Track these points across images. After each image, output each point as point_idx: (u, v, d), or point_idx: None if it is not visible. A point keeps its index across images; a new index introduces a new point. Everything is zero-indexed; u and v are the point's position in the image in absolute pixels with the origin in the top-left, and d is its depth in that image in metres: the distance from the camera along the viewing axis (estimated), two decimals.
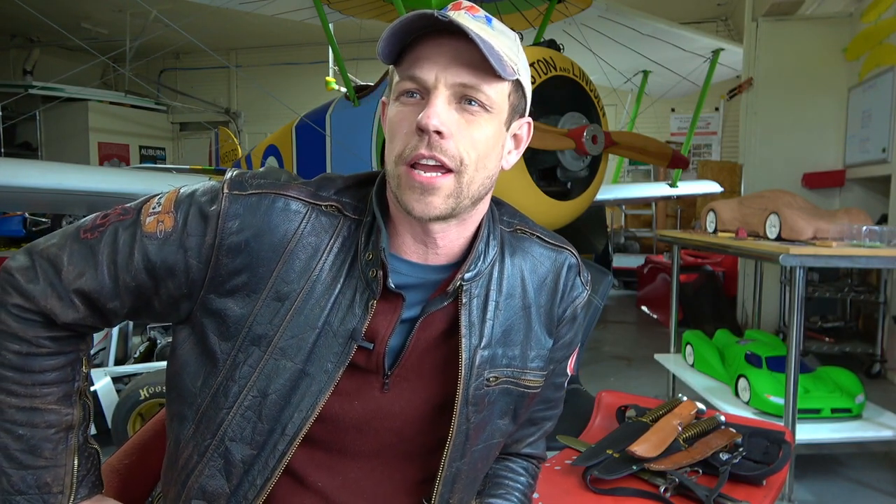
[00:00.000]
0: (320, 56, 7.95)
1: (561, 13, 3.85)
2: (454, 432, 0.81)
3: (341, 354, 0.78)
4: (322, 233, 0.79)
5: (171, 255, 0.77)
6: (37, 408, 0.79)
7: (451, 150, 0.73)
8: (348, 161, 3.46)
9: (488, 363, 0.82)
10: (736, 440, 1.43)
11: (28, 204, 4.10)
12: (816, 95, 4.52)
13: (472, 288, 0.82)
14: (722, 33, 7.89)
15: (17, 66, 9.18)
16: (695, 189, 5.67)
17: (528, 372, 0.87)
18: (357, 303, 0.78)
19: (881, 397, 3.05)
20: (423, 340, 0.82)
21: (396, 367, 0.81)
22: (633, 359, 4.26)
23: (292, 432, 0.77)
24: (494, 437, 0.87)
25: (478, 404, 0.82)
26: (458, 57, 0.72)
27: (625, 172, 8.41)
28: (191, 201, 0.79)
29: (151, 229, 0.77)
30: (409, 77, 0.73)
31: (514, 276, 0.86)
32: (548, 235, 0.92)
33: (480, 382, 0.82)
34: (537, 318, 0.87)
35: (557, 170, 2.66)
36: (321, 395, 0.77)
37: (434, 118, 0.71)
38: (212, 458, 0.79)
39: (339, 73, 3.41)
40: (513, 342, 0.85)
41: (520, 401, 0.88)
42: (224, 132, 7.44)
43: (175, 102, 9.88)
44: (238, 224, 0.76)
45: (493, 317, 0.83)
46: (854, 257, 2.21)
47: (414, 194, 0.74)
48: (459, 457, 0.83)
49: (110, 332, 2.91)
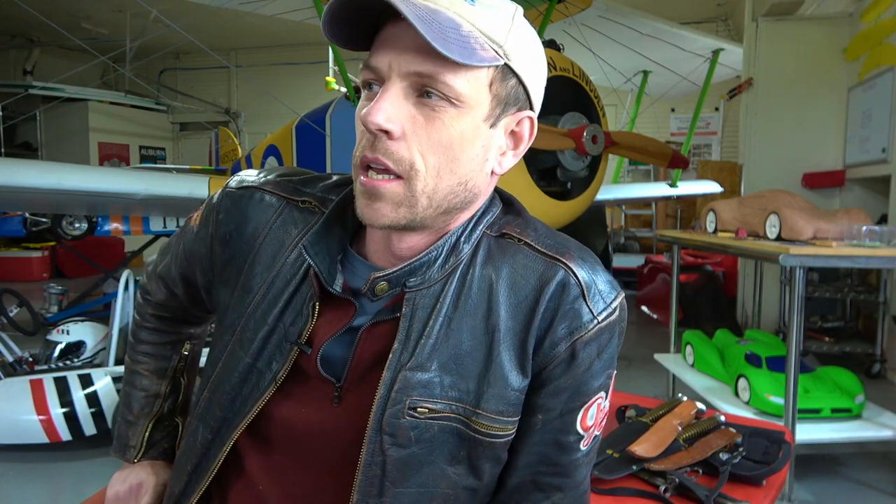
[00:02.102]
0: (320, 56, 7.94)
1: (561, 13, 3.85)
2: (362, 463, 0.69)
3: (286, 355, 0.74)
4: (291, 228, 0.77)
5: (196, 245, 0.85)
6: (136, 371, 0.96)
7: (399, 153, 0.64)
8: (348, 161, 3.45)
9: (418, 389, 0.68)
10: (736, 440, 1.42)
11: (28, 204, 4.10)
12: (816, 95, 4.51)
13: (416, 297, 0.70)
14: (722, 33, 7.89)
15: (17, 66, 9.17)
16: (695, 189, 5.67)
17: (481, 415, 0.69)
18: (306, 304, 0.74)
19: (881, 397, 3.04)
20: (369, 351, 0.72)
21: (345, 381, 0.73)
22: (633, 359, 4.26)
23: (238, 422, 0.76)
24: (438, 485, 0.70)
25: (396, 436, 0.68)
26: (417, 41, 0.60)
27: (625, 172, 8.41)
28: (210, 201, 0.86)
29: (193, 223, 0.87)
30: (367, 65, 0.65)
31: (481, 291, 0.70)
32: (541, 242, 0.73)
33: (398, 410, 0.68)
34: (505, 347, 0.69)
35: (557, 170, 2.66)
36: (266, 392, 0.74)
37: (377, 115, 0.62)
38: (187, 433, 0.83)
39: (339, 73, 3.41)
40: (466, 373, 0.69)
41: (474, 450, 0.70)
42: (224, 132, 7.44)
43: (175, 102, 9.89)
44: (224, 216, 0.81)
45: (438, 335, 0.69)
46: (854, 257, 2.21)
47: (362, 199, 0.67)
48: (376, 494, 0.69)
49: (110, 333, 2.91)
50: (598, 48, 4.29)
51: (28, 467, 2.56)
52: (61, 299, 4.81)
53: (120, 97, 9.45)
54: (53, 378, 2.67)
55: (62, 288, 4.88)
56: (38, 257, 7.91)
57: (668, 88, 5.18)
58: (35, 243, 7.82)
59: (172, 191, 2.99)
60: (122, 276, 2.91)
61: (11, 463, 2.58)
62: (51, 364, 2.88)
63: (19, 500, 2.34)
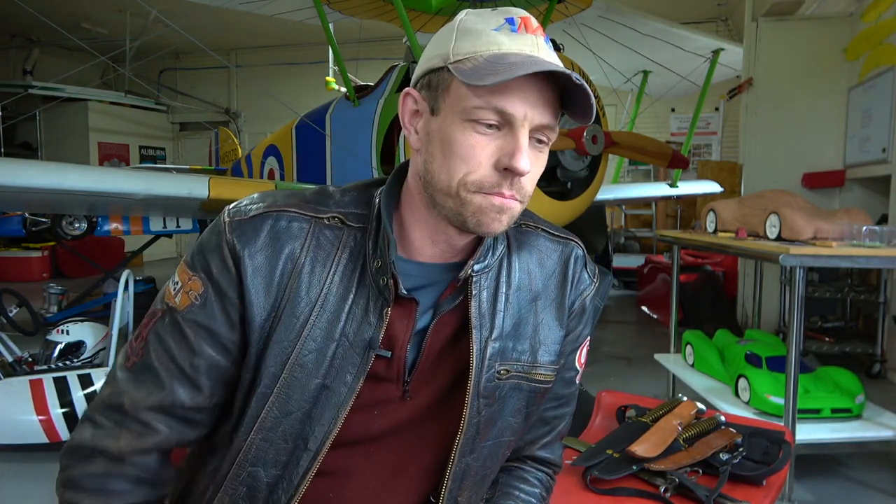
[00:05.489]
0: (320, 56, 7.95)
1: (561, 13, 3.86)
2: (465, 425, 0.81)
3: (360, 365, 0.77)
4: (328, 246, 0.78)
5: (219, 310, 0.76)
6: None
7: (526, 188, 0.75)
8: (348, 161, 3.46)
9: (499, 355, 0.82)
10: (736, 440, 1.42)
11: (28, 204, 4.10)
12: (816, 95, 4.51)
13: (481, 280, 0.82)
14: (722, 33, 7.89)
15: (17, 66, 9.16)
16: (695, 189, 5.67)
17: (538, 366, 0.85)
18: (371, 311, 0.77)
19: (881, 397, 3.04)
20: (438, 342, 0.82)
21: (415, 373, 0.81)
22: (633, 359, 4.25)
23: (315, 447, 0.77)
24: (504, 434, 0.86)
25: (489, 397, 0.82)
26: (542, 95, 0.72)
27: (625, 172, 8.41)
28: (202, 252, 0.78)
29: (186, 303, 0.77)
30: (495, 109, 0.70)
31: (522, 270, 0.86)
32: (553, 228, 0.92)
33: (492, 374, 0.81)
34: (547, 310, 0.87)
35: (557, 170, 2.66)
36: (343, 406, 0.77)
37: (525, 164, 0.71)
38: (231, 485, 0.78)
39: (339, 73, 3.42)
40: (522, 336, 0.84)
41: (531, 398, 0.86)
42: (224, 132, 7.44)
43: (175, 102, 9.89)
44: (246, 248, 0.76)
45: (504, 309, 0.83)
46: (854, 257, 2.21)
47: (491, 213, 0.74)
48: (469, 451, 0.82)
49: (110, 333, 2.91)
50: (598, 48, 4.29)
51: (28, 467, 2.55)
52: (61, 299, 4.80)
53: (120, 97, 9.46)
54: (53, 378, 2.67)
55: (62, 288, 4.88)
56: (38, 257, 7.91)
57: (668, 88, 5.19)
58: (35, 243, 7.82)
59: (172, 191, 2.99)
60: (122, 276, 2.91)
61: (11, 463, 2.57)
62: (50, 364, 2.88)
63: (19, 500, 2.34)
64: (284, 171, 4.32)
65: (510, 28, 0.72)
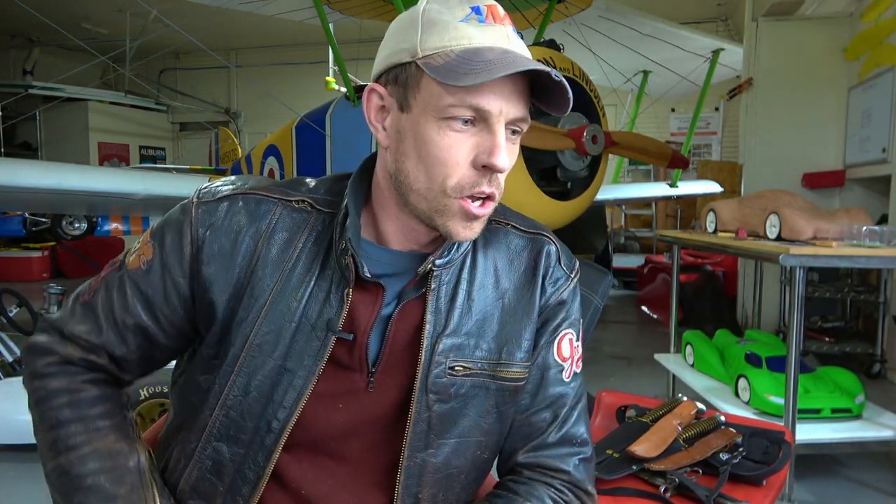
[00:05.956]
0: (320, 56, 7.95)
1: (561, 13, 3.85)
2: (412, 419, 0.78)
3: (320, 348, 0.77)
4: (294, 228, 0.79)
5: (158, 280, 0.79)
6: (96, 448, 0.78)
7: (503, 183, 0.75)
8: (348, 161, 3.46)
9: (453, 351, 0.80)
10: (736, 440, 1.42)
11: (28, 204, 4.11)
12: (816, 95, 4.51)
13: (441, 275, 0.80)
14: (722, 33, 7.89)
15: (17, 66, 9.18)
16: (695, 189, 5.67)
17: (505, 364, 0.82)
18: (333, 293, 0.77)
19: (881, 397, 3.05)
20: (402, 332, 0.80)
21: (380, 363, 0.80)
22: (633, 359, 4.25)
23: (278, 429, 0.77)
24: (472, 434, 0.82)
25: (440, 393, 0.79)
26: (516, 88, 0.71)
27: (625, 172, 8.41)
28: (164, 225, 0.81)
29: (135, 265, 0.81)
30: (471, 106, 0.69)
31: (488, 268, 0.84)
32: (524, 224, 0.89)
33: (442, 370, 0.79)
34: (516, 308, 0.84)
35: (557, 170, 2.66)
36: (304, 389, 0.77)
37: (504, 161, 0.71)
38: (198, 459, 0.79)
39: (339, 73, 3.41)
40: (486, 334, 0.82)
41: (501, 396, 0.83)
42: (224, 132, 7.43)
43: (175, 102, 9.89)
44: (210, 229, 0.78)
45: (463, 305, 0.81)
46: (854, 257, 2.21)
47: (463, 221, 0.74)
48: (423, 447, 0.79)
49: None
50: (598, 48, 4.29)
51: (28, 467, 2.56)
52: (61, 299, 4.79)
53: (120, 97, 9.46)
54: None
55: (62, 288, 4.87)
56: (38, 257, 7.91)
57: (668, 88, 5.18)
58: (35, 243, 7.83)
59: (172, 191, 3.00)
60: None
61: (11, 463, 2.58)
62: None
63: (19, 501, 2.34)
64: (284, 171, 4.31)
65: (478, 19, 0.70)
